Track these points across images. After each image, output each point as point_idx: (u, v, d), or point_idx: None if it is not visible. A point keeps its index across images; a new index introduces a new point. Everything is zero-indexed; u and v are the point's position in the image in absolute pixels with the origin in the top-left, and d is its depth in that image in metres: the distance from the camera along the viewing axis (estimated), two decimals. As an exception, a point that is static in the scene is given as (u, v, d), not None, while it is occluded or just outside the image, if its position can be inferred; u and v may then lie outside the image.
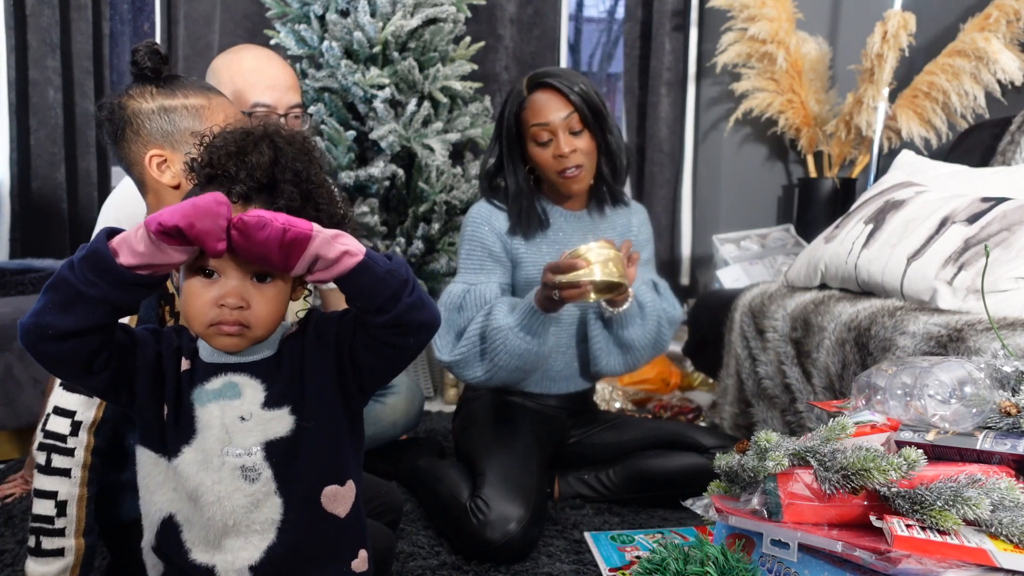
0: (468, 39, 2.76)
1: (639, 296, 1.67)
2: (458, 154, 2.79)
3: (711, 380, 2.51)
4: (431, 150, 2.56)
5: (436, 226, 2.60)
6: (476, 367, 1.59)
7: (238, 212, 0.74)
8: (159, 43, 1.10)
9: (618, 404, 2.58)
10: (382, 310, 0.77)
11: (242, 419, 0.81)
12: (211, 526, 0.82)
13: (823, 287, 1.96)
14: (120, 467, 1.10)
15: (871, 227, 1.82)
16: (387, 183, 2.57)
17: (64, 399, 1.06)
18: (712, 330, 2.23)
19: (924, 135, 2.80)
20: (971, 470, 0.95)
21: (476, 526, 1.43)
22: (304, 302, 0.90)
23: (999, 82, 2.60)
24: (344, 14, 2.59)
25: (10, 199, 2.78)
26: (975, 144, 2.36)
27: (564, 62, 3.27)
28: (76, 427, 1.05)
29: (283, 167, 0.78)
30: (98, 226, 1.60)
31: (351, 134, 2.52)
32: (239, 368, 0.83)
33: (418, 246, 2.58)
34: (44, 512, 1.03)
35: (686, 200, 3.22)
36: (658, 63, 3.10)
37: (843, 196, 2.91)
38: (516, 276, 1.70)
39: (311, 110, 2.51)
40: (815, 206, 2.96)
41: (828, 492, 0.97)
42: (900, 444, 1.04)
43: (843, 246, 1.86)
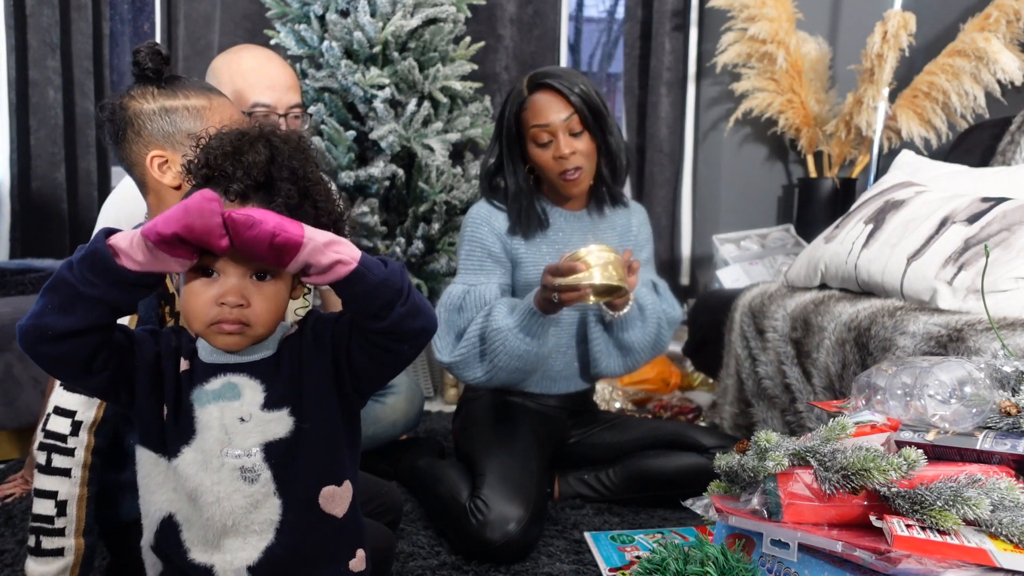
0: (468, 39, 2.76)
1: (639, 298, 1.66)
2: (458, 154, 2.79)
3: (711, 380, 2.51)
4: (431, 150, 2.56)
5: (436, 226, 2.60)
6: (476, 368, 1.60)
7: (233, 208, 0.74)
8: (160, 43, 1.10)
9: (618, 404, 2.58)
10: (377, 317, 0.77)
11: (242, 420, 0.81)
12: (210, 526, 0.82)
13: (823, 287, 1.96)
14: (120, 467, 1.10)
15: (871, 227, 1.82)
16: (387, 183, 2.57)
17: (64, 399, 1.06)
18: (712, 330, 2.23)
19: (924, 135, 2.80)
20: (971, 470, 0.95)
21: (476, 526, 1.43)
22: (304, 300, 0.90)
23: (999, 82, 2.60)
24: (344, 14, 2.59)
25: (10, 199, 2.78)
26: (975, 144, 2.36)
27: (564, 62, 3.27)
28: (76, 427, 1.05)
29: (279, 165, 0.78)
30: (98, 226, 1.60)
31: (351, 134, 2.52)
32: (238, 368, 0.83)
33: (418, 246, 2.58)
34: (44, 512, 1.03)
35: (686, 200, 3.22)
36: (658, 63, 3.10)
37: (843, 196, 2.91)
38: (516, 276, 1.70)
39: (311, 110, 2.51)
40: (815, 206, 2.96)
41: (828, 492, 0.97)
42: (900, 444, 1.04)
43: (843, 246, 1.86)
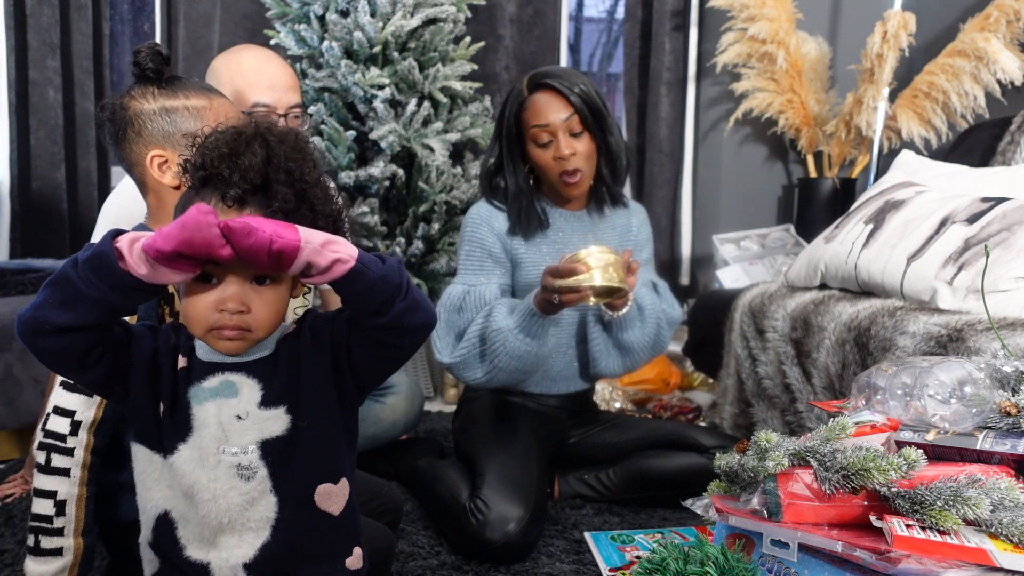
0: (468, 39, 2.76)
1: (639, 298, 1.66)
2: (458, 154, 2.79)
3: (711, 380, 2.51)
4: (431, 150, 2.56)
5: (436, 226, 2.60)
6: (476, 368, 1.60)
7: (231, 216, 0.74)
8: (160, 44, 1.10)
9: (618, 404, 2.58)
10: (377, 314, 0.77)
11: (239, 418, 0.81)
12: (206, 523, 0.82)
13: (823, 287, 1.96)
14: (119, 467, 1.10)
15: (871, 227, 1.82)
16: (387, 183, 2.57)
17: (64, 399, 1.06)
18: (712, 330, 2.22)
19: (924, 135, 2.80)
20: (971, 470, 0.95)
21: (475, 526, 1.43)
22: (304, 300, 0.90)
23: (999, 82, 2.60)
24: (344, 14, 2.59)
25: (10, 199, 2.78)
26: (975, 144, 2.36)
27: (564, 62, 3.27)
28: (76, 427, 1.05)
29: (276, 167, 0.78)
30: (98, 226, 1.60)
31: (351, 134, 2.52)
32: (236, 367, 0.83)
33: (418, 246, 2.58)
34: (43, 511, 1.03)
35: (686, 200, 3.22)
36: (658, 63, 3.10)
37: (843, 196, 2.91)
38: (516, 277, 1.70)
39: (311, 110, 2.51)
40: (815, 206, 2.96)
41: (828, 492, 0.97)
42: (900, 444, 1.04)
43: (843, 246, 1.86)
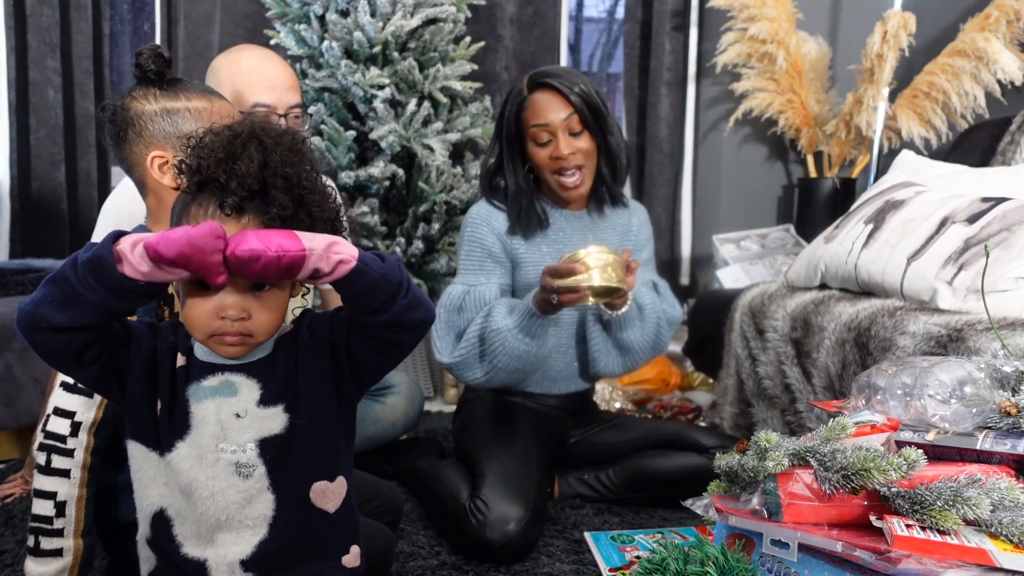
0: (468, 39, 2.76)
1: (638, 298, 1.66)
2: (458, 154, 2.79)
3: (711, 380, 2.51)
4: (431, 150, 2.56)
5: (436, 226, 2.60)
6: (476, 369, 1.60)
7: (233, 228, 0.75)
8: (162, 46, 1.10)
9: (618, 404, 2.58)
10: (378, 311, 0.79)
11: (237, 416, 0.82)
12: (204, 521, 0.82)
13: (823, 287, 1.96)
14: (119, 468, 1.10)
15: (871, 227, 1.82)
16: (387, 183, 2.57)
17: (64, 400, 1.06)
18: (712, 330, 2.23)
19: (924, 135, 2.80)
20: (971, 470, 0.95)
21: (475, 526, 1.43)
22: (303, 300, 0.90)
23: (999, 82, 2.60)
24: (344, 14, 2.59)
25: (10, 199, 2.78)
26: (975, 144, 2.36)
27: (564, 62, 3.27)
28: (76, 428, 1.05)
29: (273, 171, 0.77)
30: (97, 226, 1.60)
31: (351, 134, 2.52)
32: (235, 368, 0.83)
33: (418, 246, 2.58)
34: (43, 512, 1.04)
35: (686, 200, 3.22)
36: (658, 63, 3.10)
37: (843, 196, 2.91)
38: (516, 277, 1.70)
39: (311, 110, 2.51)
40: (815, 206, 2.96)
41: (828, 492, 0.97)
42: (900, 444, 1.04)
43: (843, 246, 1.86)
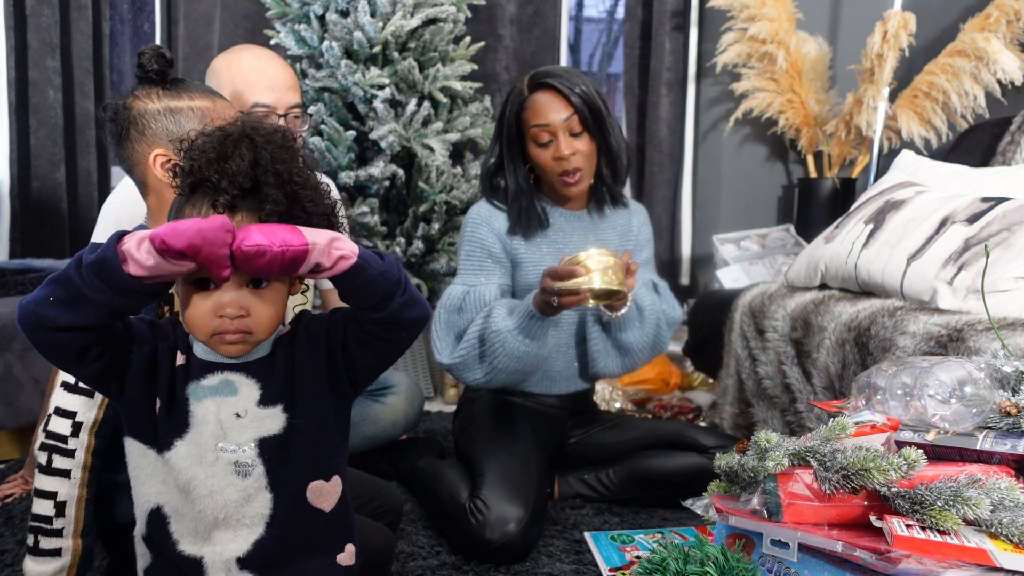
0: (468, 39, 2.76)
1: (638, 299, 1.66)
2: (458, 154, 2.79)
3: (711, 380, 2.51)
4: (431, 150, 2.56)
5: (436, 226, 2.60)
6: (476, 370, 1.59)
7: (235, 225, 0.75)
8: (163, 46, 1.10)
9: (618, 404, 2.58)
10: (376, 308, 0.80)
11: (237, 416, 0.82)
12: (202, 519, 0.83)
13: (823, 287, 1.96)
14: (118, 468, 1.10)
15: (871, 227, 1.82)
16: (387, 183, 2.57)
17: (65, 400, 1.06)
18: (712, 330, 2.23)
19: (924, 135, 2.80)
20: (971, 470, 0.95)
21: (475, 526, 1.43)
22: (303, 296, 0.91)
23: (999, 82, 2.60)
24: (344, 14, 2.59)
25: (10, 199, 2.78)
26: (975, 144, 2.36)
27: (564, 62, 3.27)
28: (77, 428, 1.05)
29: (264, 169, 0.78)
30: (97, 226, 1.60)
31: (351, 134, 2.52)
32: (235, 367, 0.84)
33: (418, 246, 2.58)
34: (43, 512, 1.04)
35: (686, 200, 3.22)
36: (658, 63, 3.10)
37: (843, 196, 2.91)
38: (516, 277, 1.70)
39: (311, 110, 2.51)
40: (815, 206, 2.96)
41: (828, 492, 0.97)
42: (900, 444, 1.04)
43: (843, 246, 1.86)
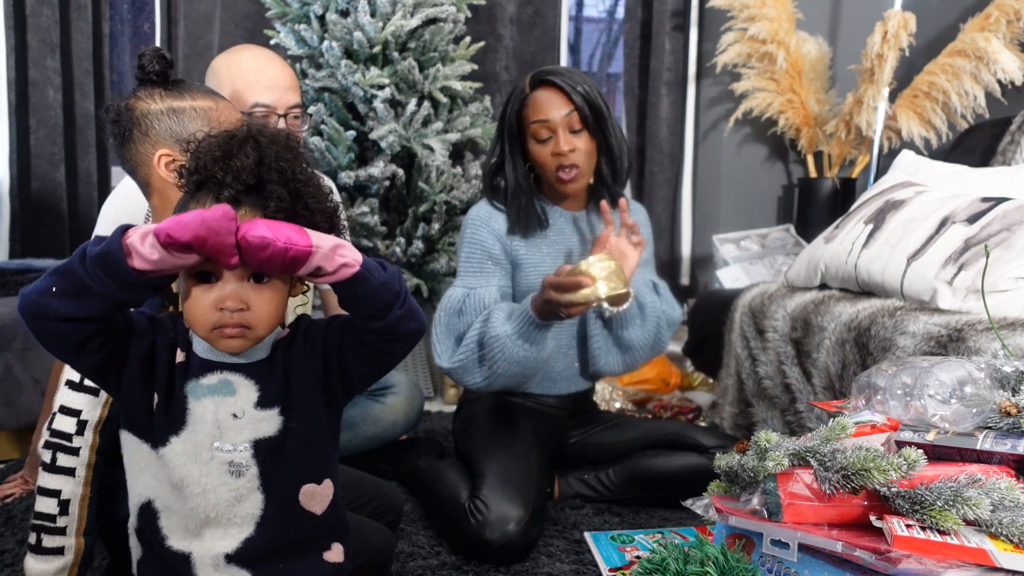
0: (468, 39, 2.76)
1: (639, 297, 1.66)
2: (458, 154, 2.79)
3: (711, 380, 2.51)
4: (431, 150, 2.56)
5: (436, 226, 2.60)
6: (475, 374, 1.59)
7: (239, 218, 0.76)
8: (161, 46, 1.11)
9: (618, 404, 2.58)
10: (375, 318, 0.81)
11: (235, 416, 0.83)
12: (193, 516, 0.83)
13: (823, 287, 1.96)
14: (120, 466, 1.10)
15: (871, 227, 1.82)
16: (387, 183, 2.57)
17: (70, 398, 1.06)
18: (712, 330, 2.23)
19: (924, 135, 2.80)
20: (971, 470, 0.95)
21: (475, 526, 1.43)
22: (304, 297, 0.91)
23: (999, 82, 2.60)
24: (344, 14, 2.59)
25: (10, 199, 2.78)
26: (975, 144, 2.36)
27: (564, 62, 3.26)
28: (82, 426, 1.05)
29: (268, 167, 0.79)
30: (97, 226, 1.60)
31: (351, 134, 2.52)
32: (234, 368, 0.84)
33: (418, 246, 2.58)
34: (46, 510, 1.04)
35: (686, 200, 3.22)
36: (658, 63, 3.10)
37: (843, 196, 2.91)
38: (516, 278, 1.70)
39: (311, 110, 2.51)
40: (815, 206, 2.96)
41: (828, 492, 0.97)
42: (900, 444, 1.04)
43: (843, 246, 1.86)
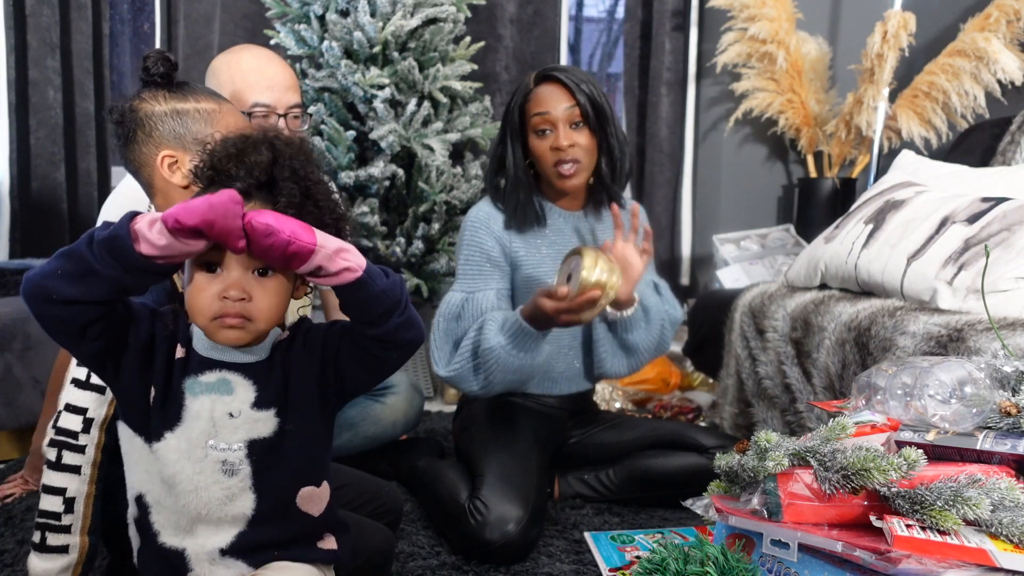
0: (468, 39, 2.76)
1: (644, 300, 1.67)
2: (458, 154, 2.79)
3: (711, 380, 2.51)
4: (431, 150, 2.56)
5: (436, 226, 2.60)
6: (472, 381, 1.58)
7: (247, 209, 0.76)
8: (161, 46, 1.12)
9: (618, 404, 2.58)
10: (374, 324, 0.81)
11: (231, 416, 0.83)
12: (184, 512, 0.84)
13: (823, 287, 1.96)
14: (121, 463, 1.11)
15: (871, 227, 1.82)
16: (387, 183, 2.57)
17: (76, 396, 1.06)
18: (712, 330, 2.23)
19: (924, 135, 2.80)
20: (971, 470, 0.95)
21: (475, 527, 1.43)
22: (306, 299, 0.91)
23: (999, 82, 2.60)
24: (344, 14, 2.59)
25: (10, 199, 2.78)
26: (975, 144, 2.36)
27: (564, 62, 3.27)
28: (88, 424, 1.05)
29: (281, 166, 0.81)
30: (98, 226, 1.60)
31: (351, 134, 2.52)
32: (234, 367, 0.85)
33: (418, 246, 2.58)
34: (51, 508, 1.04)
35: (686, 200, 3.22)
36: (658, 63, 3.10)
37: (843, 196, 2.91)
38: (515, 279, 1.70)
39: (311, 110, 2.51)
40: (815, 206, 2.96)
41: (828, 492, 0.97)
42: (900, 444, 1.04)
43: (843, 246, 1.86)
